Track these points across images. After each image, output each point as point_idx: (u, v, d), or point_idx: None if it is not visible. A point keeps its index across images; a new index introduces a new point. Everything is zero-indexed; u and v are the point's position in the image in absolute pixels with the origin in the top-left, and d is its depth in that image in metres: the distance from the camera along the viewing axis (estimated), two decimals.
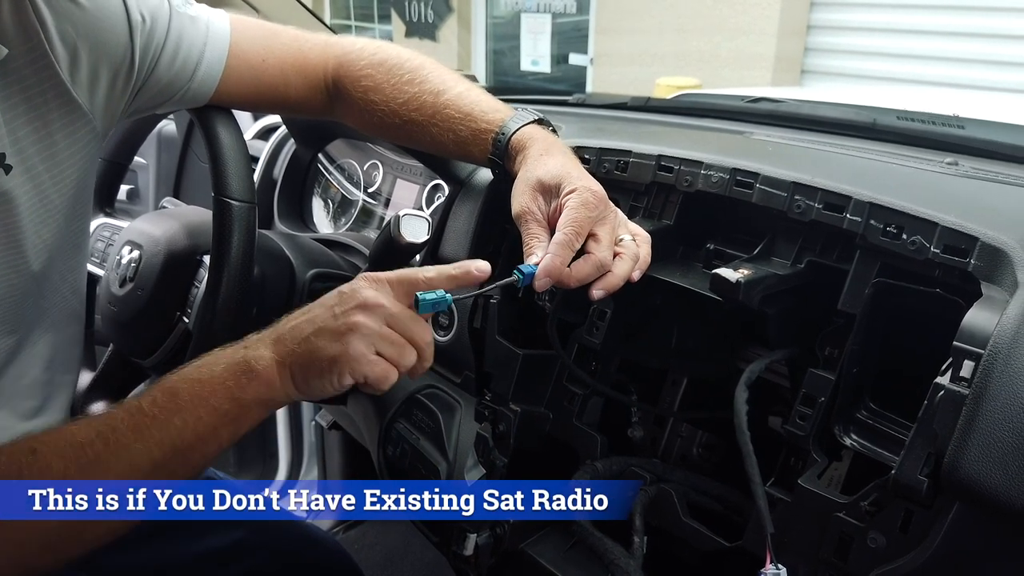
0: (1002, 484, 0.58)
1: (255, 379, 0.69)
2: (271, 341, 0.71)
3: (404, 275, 0.72)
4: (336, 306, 0.70)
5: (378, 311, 0.69)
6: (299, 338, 0.70)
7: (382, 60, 0.96)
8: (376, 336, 0.69)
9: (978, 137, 1.10)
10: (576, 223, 0.76)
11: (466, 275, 0.73)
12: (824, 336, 0.78)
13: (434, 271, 0.72)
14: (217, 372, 0.69)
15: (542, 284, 0.75)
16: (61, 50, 0.77)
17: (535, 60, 6.99)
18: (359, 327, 0.68)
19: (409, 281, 0.71)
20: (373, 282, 0.71)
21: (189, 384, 0.68)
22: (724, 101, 1.58)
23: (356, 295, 0.70)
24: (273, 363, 0.69)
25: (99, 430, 0.67)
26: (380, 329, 0.69)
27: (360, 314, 0.69)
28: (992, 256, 0.67)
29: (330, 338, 0.69)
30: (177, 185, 1.91)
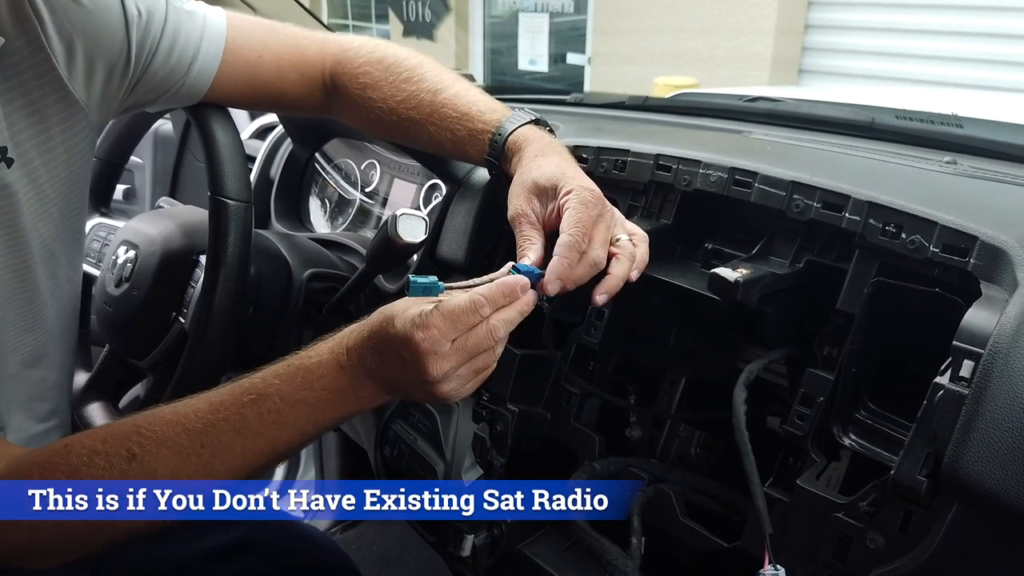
0: (1001, 484, 0.57)
1: (360, 403, 0.71)
2: (364, 373, 0.70)
3: (450, 316, 0.68)
4: (407, 372, 0.68)
5: (443, 361, 0.67)
6: (392, 380, 0.70)
7: (380, 58, 0.96)
8: (454, 374, 0.69)
9: (977, 136, 1.10)
10: (581, 224, 0.76)
11: (513, 293, 0.71)
12: (823, 336, 0.77)
13: (485, 299, 0.69)
14: (325, 398, 0.70)
15: (553, 288, 0.74)
16: (58, 44, 0.77)
17: (533, 59, 6.99)
18: (436, 379, 0.67)
19: (460, 321, 0.68)
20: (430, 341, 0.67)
21: (296, 408, 0.70)
22: (722, 100, 1.58)
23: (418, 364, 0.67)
24: (378, 392, 0.71)
25: (204, 441, 0.69)
26: (454, 368, 0.68)
27: (431, 371, 0.67)
28: (992, 255, 0.67)
29: (421, 391, 0.70)
30: (173, 185, 1.91)
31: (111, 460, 0.66)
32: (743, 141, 1.14)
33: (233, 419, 0.69)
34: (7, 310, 0.79)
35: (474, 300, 0.68)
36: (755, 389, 0.79)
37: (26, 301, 0.81)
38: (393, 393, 0.71)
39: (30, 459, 0.69)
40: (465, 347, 0.68)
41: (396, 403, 1.08)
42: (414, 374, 0.68)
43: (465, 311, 0.67)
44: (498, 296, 0.69)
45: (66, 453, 0.68)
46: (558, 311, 0.94)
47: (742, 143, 1.12)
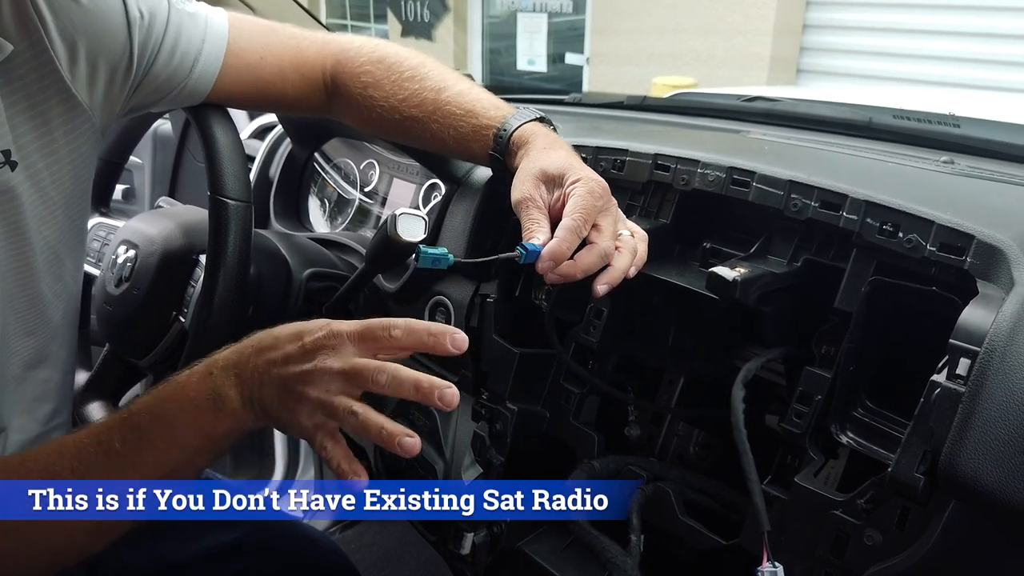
0: (998, 482, 0.58)
1: (225, 417, 0.67)
2: (235, 376, 0.67)
3: (368, 330, 0.65)
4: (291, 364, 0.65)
5: (328, 378, 0.64)
6: (255, 386, 0.66)
7: (381, 57, 0.96)
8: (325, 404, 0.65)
9: (974, 136, 1.10)
10: (584, 210, 0.76)
11: (438, 345, 0.66)
12: (820, 334, 0.78)
13: (403, 328, 0.65)
14: (186, 408, 0.67)
15: (545, 267, 0.75)
16: (61, 47, 0.77)
17: (531, 59, 6.99)
18: (307, 398, 0.64)
19: (373, 336, 0.65)
20: (332, 337, 0.65)
21: (157, 421, 0.67)
22: (720, 100, 1.58)
23: (310, 357, 0.65)
24: (239, 403, 0.67)
25: (73, 465, 0.66)
26: (330, 395, 0.64)
27: (310, 383, 0.64)
28: (988, 254, 0.67)
29: (285, 400, 0.66)
30: (173, 184, 1.91)
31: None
32: (741, 141, 1.14)
33: (103, 439, 0.67)
34: (9, 313, 0.79)
35: (391, 321, 0.65)
36: (753, 388, 0.79)
37: (28, 304, 0.81)
38: (255, 398, 0.66)
39: None
40: (357, 369, 0.64)
41: (395, 402, 1.08)
42: (296, 366, 0.64)
43: (377, 326, 0.65)
44: (418, 329, 0.65)
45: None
46: (557, 310, 0.95)
47: (740, 143, 1.12)
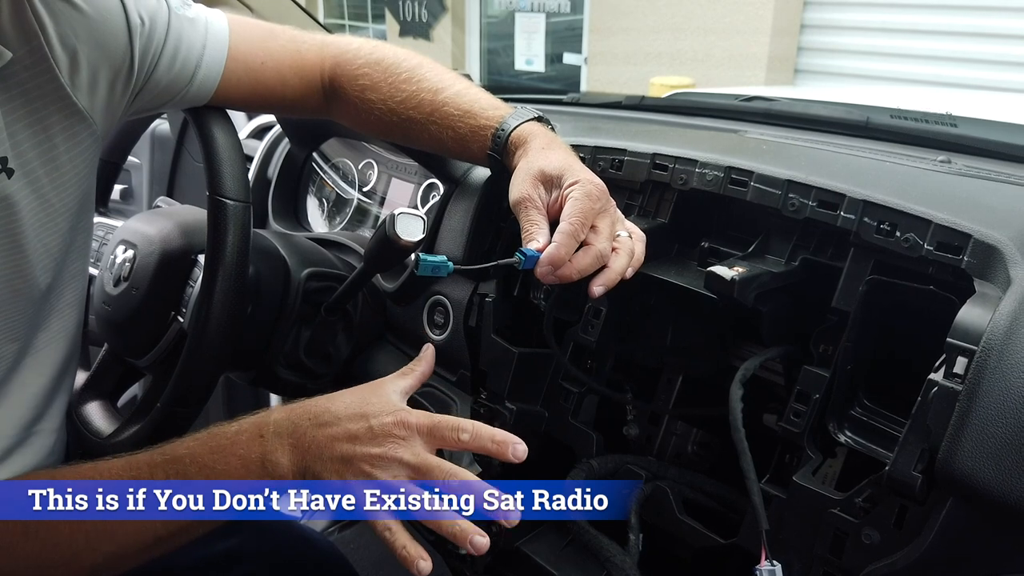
0: (995, 479, 0.58)
1: (268, 478, 0.70)
2: (290, 447, 0.70)
3: (437, 429, 0.70)
4: (357, 443, 0.69)
5: (396, 465, 0.68)
6: (316, 457, 0.69)
7: (379, 59, 0.96)
8: (387, 487, 0.68)
9: (971, 135, 1.10)
10: (582, 214, 0.76)
11: (500, 453, 0.71)
12: (818, 333, 0.78)
13: (471, 432, 0.70)
14: (233, 466, 0.69)
15: (544, 271, 0.75)
16: (61, 54, 0.77)
17: (529, 59, 7.00)
18: (373, 478, 0.68)
19: (442, 436, 0.70)
20: (404, 427, 0.69)
21: (203, 472, 0.69)
22: (718, 100, 1.58)
23: (380, 440, 0.69)
24: (289, 471, 0.69)
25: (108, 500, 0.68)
26: (394, 481, 0.68)
27: (379, 465, 0.68)
28: (985, 253, 0.67)
29: (346, 475, 0.69)
30: (171, 184, 1.91)
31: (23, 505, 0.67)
32: (739, 140, 1.14)
33: (141, 477, 0.68)
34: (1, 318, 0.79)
35: (460, 423, 0.69)
36: (751, 387, 0.79)
37: (17, 309, 0.81)
38: (309, 468, 0.69)
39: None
40: (425, 464, 0.68)
41: None
42: (362, 447, 0.68)
43: (447, 425, 0.69)
44: (484, 435, 0.70)
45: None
46: (556, 309, 0.95)
47: (738, 142, 1.12)
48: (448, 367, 1.06)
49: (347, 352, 1.13)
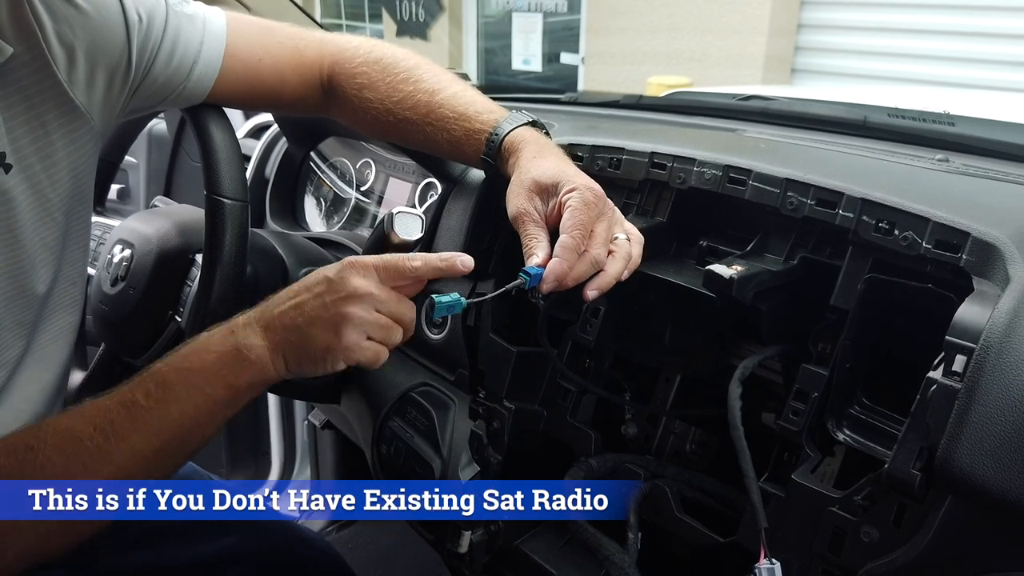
0: (994, 477, 0.58)
1: (248, 366, 0.71)
2: (261, 328, 0.72)
3: (390, 261, 0.74)
4: (326, 294, 0.72)
5: (367, 300, 0.72)
6: (290, 326, 0.72)
7: (378, 58, 0.96)
8: (367, 323, 0.72)
9: (968, 134, 1.11)
10: (581, 225, 0.76)
11: (451, 267, 0.75)
12: (817, 332, 0.78)
13: (420, 259, 0.74)
14: (209, 362, 0.71)
15: (549, 287, 0.76)
16: (59, 51, 0.77)
17: (526, 59, 6.99)
18: (351, 317, 0.71)
19: (395, 268, 0.74)
20: (360, 269, 0.73)
21: (181, 375, 0.70)
22: (716, 99, 1.58)
23: (345, 284, 0.72)
24: (265, 350, 0.72)
25: (96, 423, 0.68)
26: (370, 317, 0.72)
27: (351, 304, 0.71)
28: (983, 251, 0.67)
29: (323, 328, 0.71)
30: (168, 184, 1.90)
31: (10, 454, 0.66)
32: (737, 139, 1.15)
33: (125, 399, 0.70)
34: (5, 314, 0.79)
35: (409, 255, 0.74)
36: (750, 385, 0.79)
37: (22, 305, 0.81)
38: (286, 350, 0.72)
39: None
40: (387, 295, 0.73)
41: (393, 401, 1.08)
42: (328, 314, 0.71)
43: (401, 261, 0.74)
44: (435, 262, 0.74)
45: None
46: (554, 309, 0.95)
47: (736, 141, 1.12)
48: (447, 366, 1.06)
49: None
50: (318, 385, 1.16)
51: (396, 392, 1.09)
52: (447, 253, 0.76)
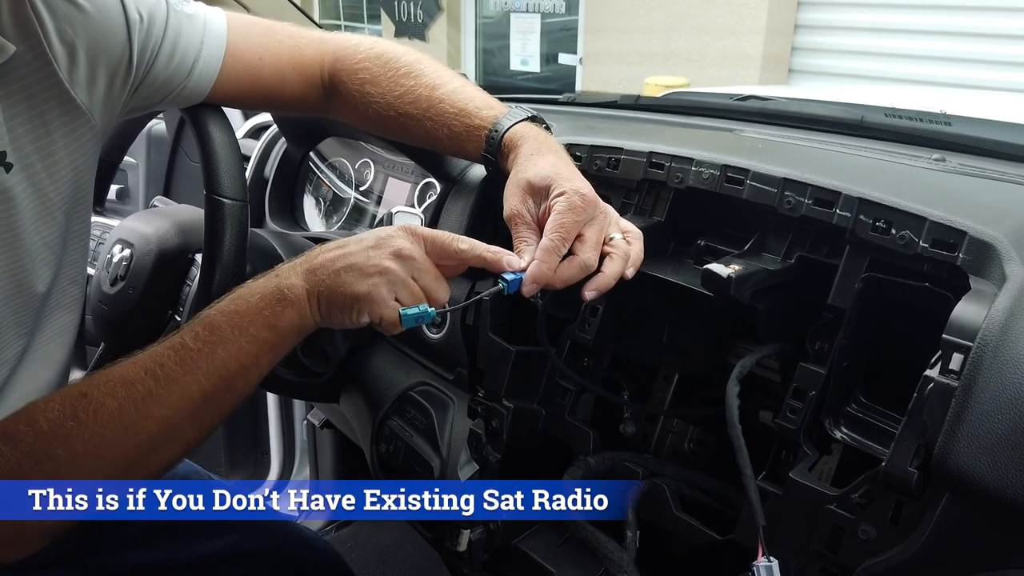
0: (991, 475, 0.58)
1: (289, 307, 0.73)
2: (303, 271, 0.74)
3: (440, 236, 0.76)
4: (372, 248, 0.74)
5: (409, 263, 0.74)
6: (330, 271, 0.73)
7: (379, 54, 0.96)
8: (400, 284, 0.73)
9: (965, 134, 1.11)
10: (563, 228, 0.76)
11: (497, 262, 0.76)
12: (814, 331, 0.78)
13: (468, 244, 0.76)
14: (253, 303, 0.72)
15: (529, 290, 0.76)
16: (60, 50, 0.77)
17: (524, 60, 6.99)
18: (388, 272, 0.73)
19: (443, 244, 0.76)
20: (411, 235, 0.75)
21: (228, 317, 0.72)
22: (713, 99, 1.58)
23: (393, 242, 0.74)
24: (304, 291, 0.73)
25: (147, 367, 0.69)
26: (406, 279, 0.73)
27: (392, 261, 0.73)
28: (980, 250, 0.68)
29: (359, 276, 0.73)
30: (167, 184, 1.91)
31: (65, 401, 0.67)
32: (734, 139, 1.15)
33: (176, 343, 0.70)
34: (6, 312, 0.79)
35: (457, 237, 0.76)
36: (747, 384, 0.79)
37: (23, 304, 0.81)
38: (320, 292, 0.73)
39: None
40: (428, 264, 0.75)
41: (392, 400, 1.09)
42: (376, 249, 0.73)
43: (447, 235, 0.76)
44: (479, 246, 0.76)
45: (30, 408, 0.68)
46: (552, 308, 0.95)
47: (733, 141, 1.13)
48: (446, 366, 1.06)
49: (344, 351, 1.13)
50: (317, 384, 1.16)
51: (395, 391, 1.09)
52: (497, 248, 0.77)
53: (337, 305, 0.73)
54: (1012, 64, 4.55)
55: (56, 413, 0.66)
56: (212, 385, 0.70)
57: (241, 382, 0.72)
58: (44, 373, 0.87)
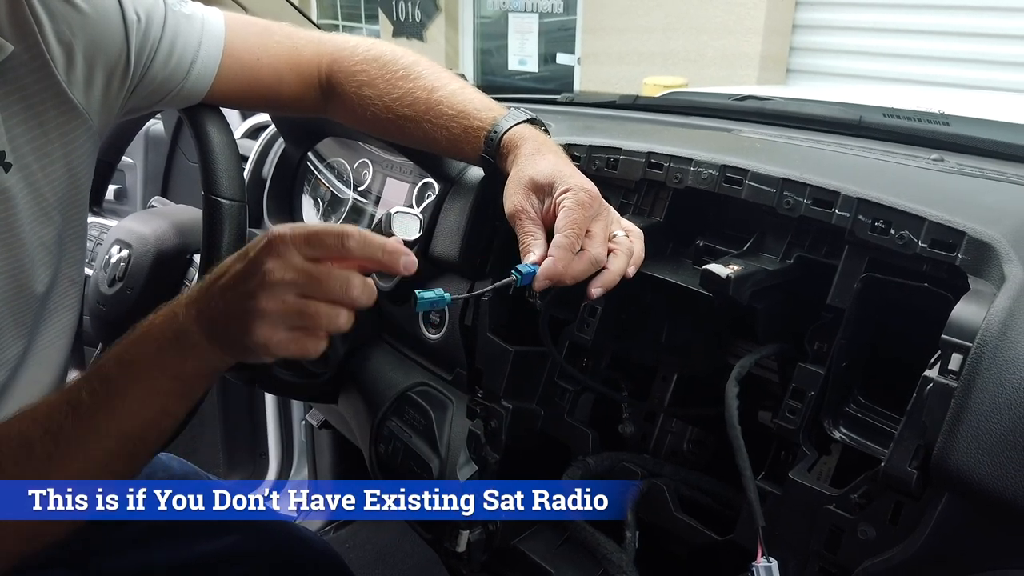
0: (990, 475, 0.58)
1: (190, 355, 0.65)
2: (195, 314, 0.65)
3: (315, 234, 0.62)
4: (239, 282, 0.62)
5: (280, 287, 0.61)
6: (216, 315, 0.64)
7: (377, 56, 0.96)
8: (282, 315, 0.61)
9: (963, 134, 1.11)
10: (576, 224, 0.76)
11: (391, 263, 0.64)
12: (813, 331, 0.78)
13: (357, 238, 0.62)
14: (151, 352, 0.65)
15: (541, 285, 0.75)
16: (57, 50, 0.77)
17: (523, 60, 7.00)
18: (258, 312, 0.61)
19: (320, 242, 0.62)
20: (278, 246, 0.61)
21: (123, 368, 0.65)
22: (712, 99, 1.58)
23: (257, 266, 0.61)
24: (202, 337, 0.64)
25: (46, 426, 0.64)
26: (283, 307, 0.61)
27: (260, 295, 0.61)
28: (979, 250, 0.68)
29: (237, 322, 0.62)
30: (165, 184, 1.91)
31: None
32: (733, 139, 1.15)
33: (72, 398, 0.65)
34: (5, 313, 0.79)
35: (345, 228, 0.62)
36: (746, 384, 0.79)
37: (23, 305, 0.81)
38: (217, 330, 0.64)
39: None
40: (311, 275, 0.61)
41: (391, 400, 1.09)
42: (244, 285, 0.61)
43: (329, 232, 0.62)
44: (374, 243, 0.62)
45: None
46: (552, 308, 0.95)
47: (732, 141, 1.13)
48: (444, 366, 1.06)
49: (343, 351, 1.13)
50: (315, 385, 1.16)
51: (394, 392, 1.09)
52: (393, 243, 0.64)
53: (240, 351, 0.64)
54: (1010, 64, 4.55)
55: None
56: (116, 443, 0.65)
57: (153, 433, 0.66)
58: (45, 375, 0.87)
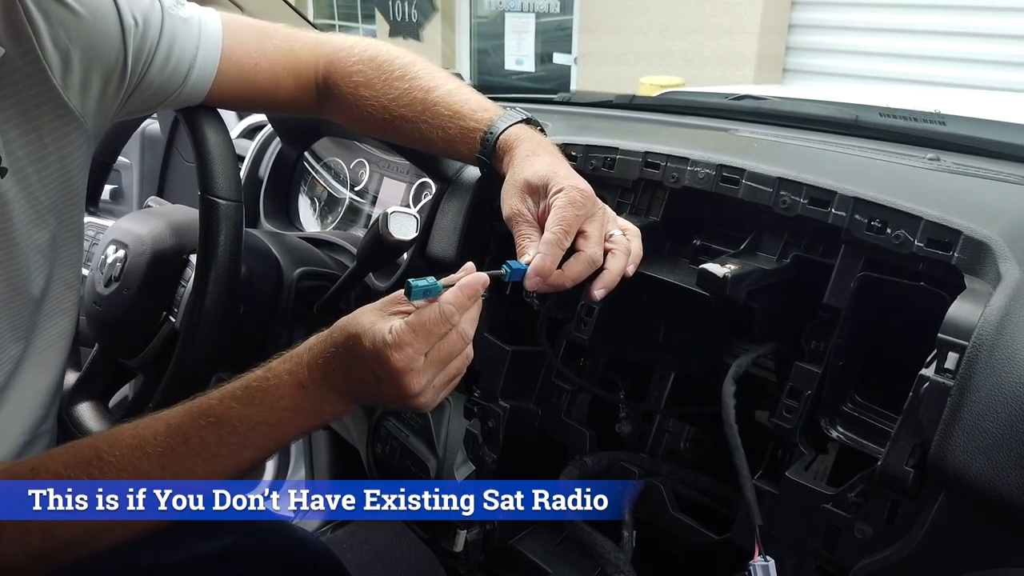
0: (986, 473, 0.58)
1: (331, 417, 0.71)
2: (334, 394, 0.70)
3: (420, 327, 0.66)
4: (391, 401, 0.69)
5: (418, 373, 0.66)
6: (365, 396, 0.70)
7: (373, 56, 0.96)
8: (434, 390, 0.68)
9: (959, 133, 1.11)
10: (564, 222, 0.76)
11: (476, 293, 0.69)
12: (810, 330, 0.78)
13: (453, 304, 0.67)
14: (287, 417, 0.70)
15: (533, 283, 0.75)
16: (53, 55, 0.76)
17: (519, 59, 6.99)
18: (413, 392, 0.67)
19: (429, 331, 0.66)
20: (396, 348, 0.65)
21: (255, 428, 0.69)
22: (708, 99, 1.58)
23: (397, 384, 0.66)
24: (348, 403, 0.70)
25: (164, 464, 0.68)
26: (435, 389, 0.69)
27: (412, 400, 0.68)
28: (975, 249, 0.68)
29: (402, 407, 0.70)
30: (161, 184, 1.90)
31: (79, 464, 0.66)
32: (730, 139, 1.15)
33: (194, 442, 0.68)
34: (1, 315, 0.79)
35: (443, 310, 0.66)
36: (743, 384, 0.80)
37: (19, 308, 0.81)
38: (363, 403, 0.72)
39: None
40: (439, 357, 0.67)
41: None
42: (390, 390, 0.67)
43: (436, 323, 0.66)
44: (464, 300, 0.68)
45: (32, 478, 0.66)
46: (551, 308, 0.95)
47: (729, 141, 1.13)
48: None
49: None
50: None
51: None
52: (468, 282, 0.68)
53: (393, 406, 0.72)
54: (1007, 64, 4.56)
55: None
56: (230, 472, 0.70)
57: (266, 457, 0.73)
58: (43, 378, 0.87)
